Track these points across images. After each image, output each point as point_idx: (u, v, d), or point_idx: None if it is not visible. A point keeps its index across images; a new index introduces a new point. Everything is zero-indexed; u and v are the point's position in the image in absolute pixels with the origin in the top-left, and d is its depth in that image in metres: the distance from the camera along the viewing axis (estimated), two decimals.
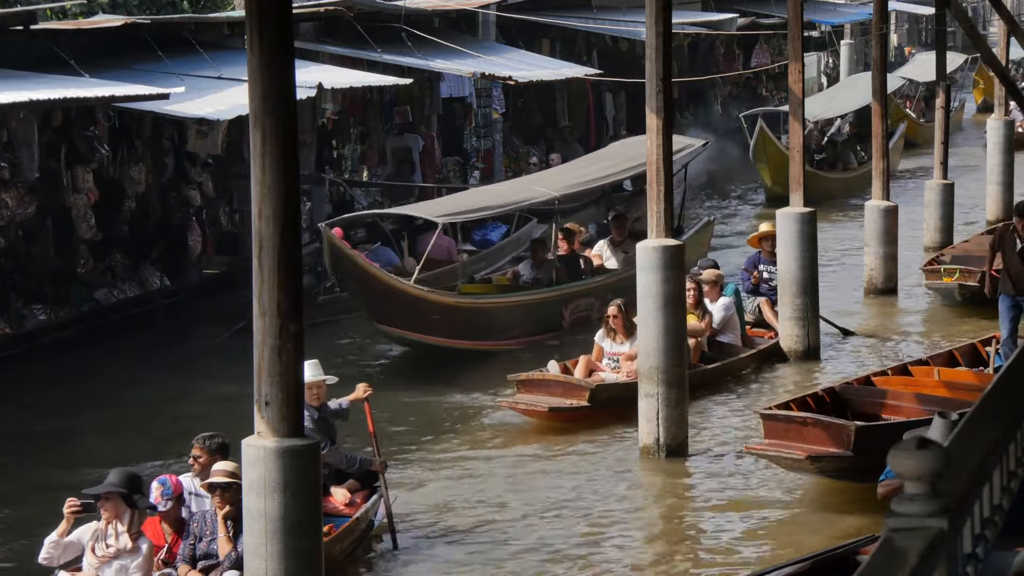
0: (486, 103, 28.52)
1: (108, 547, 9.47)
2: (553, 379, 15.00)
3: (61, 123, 18.61)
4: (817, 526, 12.03)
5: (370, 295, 17.02)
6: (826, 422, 12.29)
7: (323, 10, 23.04)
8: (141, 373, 16.95)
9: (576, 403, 14.65)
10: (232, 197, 21.62)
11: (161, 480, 10.05)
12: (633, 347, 14.82)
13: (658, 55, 13.50)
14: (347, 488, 11.53)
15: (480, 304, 17.85)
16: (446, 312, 17.33)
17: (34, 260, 18.33)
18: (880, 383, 13.84)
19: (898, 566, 3.61)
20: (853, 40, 48.11)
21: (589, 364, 15.31)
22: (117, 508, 9.49)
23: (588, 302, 18.63)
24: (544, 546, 11.67)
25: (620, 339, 15.37)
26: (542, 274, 18.83)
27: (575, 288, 18.68)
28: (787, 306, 17.22)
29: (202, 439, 10.49)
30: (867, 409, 13.21)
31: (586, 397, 14.61)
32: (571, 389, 14.78)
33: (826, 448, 12.05)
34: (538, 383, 14.98)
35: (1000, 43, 26.75)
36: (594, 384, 14.73)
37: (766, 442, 12.46)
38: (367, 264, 17.04)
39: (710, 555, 11.57)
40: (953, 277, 19.49)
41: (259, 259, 8.00)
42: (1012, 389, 5.58)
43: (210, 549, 9.78)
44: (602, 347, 15.53)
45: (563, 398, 14.73)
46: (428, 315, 17.13)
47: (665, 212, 13.61)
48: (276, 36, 7.95)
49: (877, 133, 20.69)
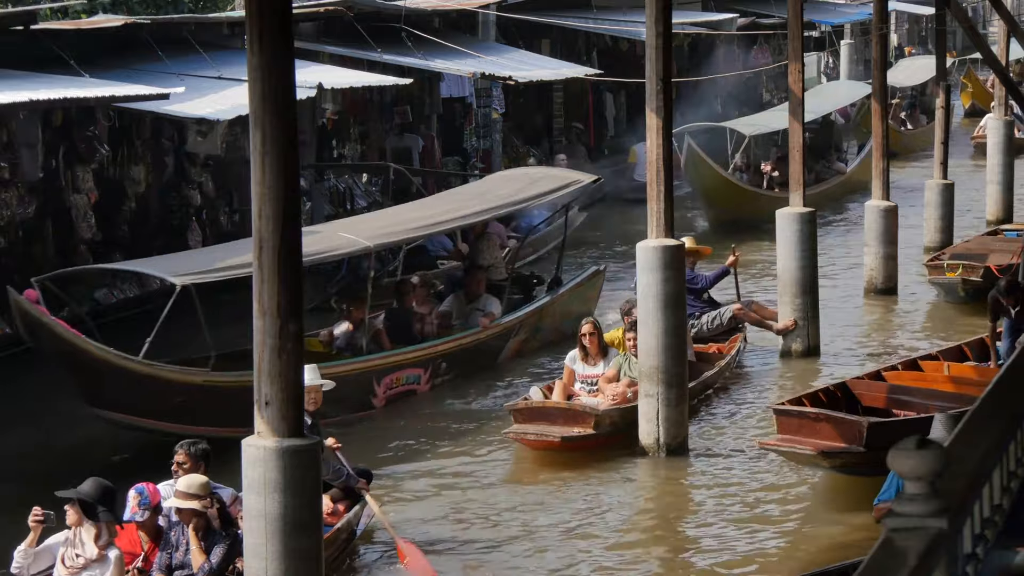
0: (486, 103, 28.54)
1: (77, 557, 9.34)
2: (553, 406, 14.01)
3: (61, 123, 18.61)
4: (819, 525, 12.04)
5: (83, 373, 13.48)
6: (838, 418, 12.41)
7: (323, 10, 23.04)
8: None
9: (583, 431, 13.74)
10: (232, 197, 21.63)
11: (139, 489, 9.83)
12: (609, 368, 14.40)
13: (658, 55, 13.50)
14: (330, 497, 11.25)
15: (239, 381, 12.82)
16: (193, 393, 13.69)
17: (34, 260, 18.33)
18: (890, 377, 13.98)
19: (898, 566, 3.61)
20: (853, 40, 48.12)
21: (565, 389, 14.38)
22: (78, 515, 9.36)
23: (414, 375, 15.79)
24: (544, 548, 11.66)
25: (593, 361, 14.50)
26: (358, 338, 15.48)
27: (393, 358, 15.55)
28: (787, 306, 17.23)
29: (186, 445, 10.20)
30: (877, 403, 13.34)
31: (591, 424, 13.74)
32: (573, 416, 13.83)
33: (839, 443, 12.17)
34: (537, 411, 13.96)
35: (1000, 43, 26.74)
36: (599, 410, 13.82)
37: (779, 437, 12.58)
38: (71, 335, 13.31)
39: (711, 555, 11.56)
40: (956, 272, 19.50)
41: (259, 259, 8.00)
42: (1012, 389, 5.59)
43: (186, 559, 9.61)
44: (574, 370, 14.56)
45: (566, 427, 13.76)
46: (168, 397, 13.58)
47: (665, 212, 13.62)
48: (276, 36, 7.95)
49: (877, 133, 20.70)
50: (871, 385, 13.68)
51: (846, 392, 13.42)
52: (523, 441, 13.77)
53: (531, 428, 13.79)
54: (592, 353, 14.49)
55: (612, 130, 33.03)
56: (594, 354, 14.50)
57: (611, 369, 14.39)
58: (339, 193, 24.08)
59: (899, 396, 13.45)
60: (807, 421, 12.42)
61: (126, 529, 9.82)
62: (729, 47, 38.46)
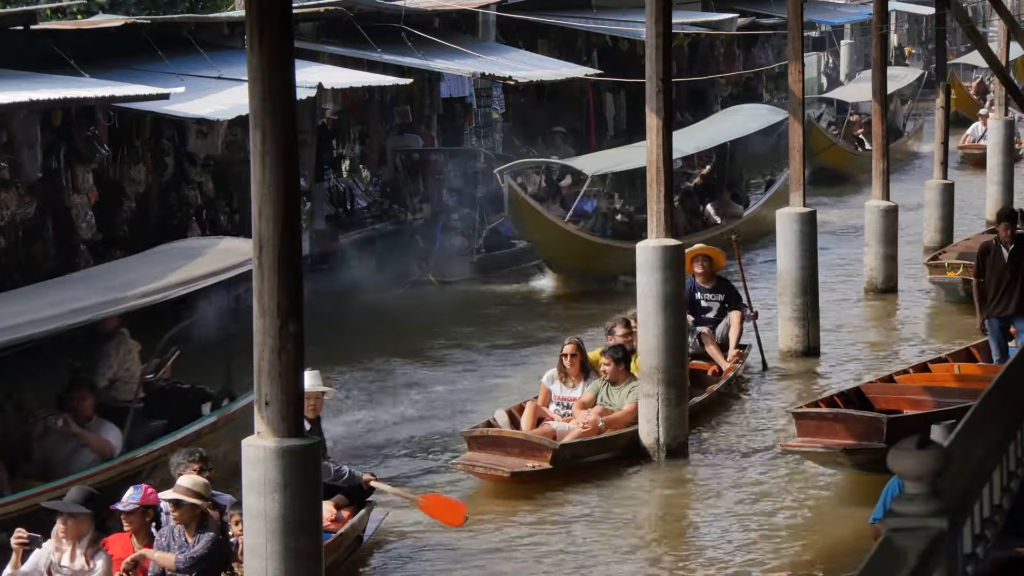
0: (486, 103, 28.54)
1: (63, 568, 9.16)
2: (509, 436, 12.95)
3: (61, 123, 18.60)
4: (820, 525, 12.05)
5: None
6: (857, 416, 12.68)
7: (323, 10, 23.04)
8: None
9: (537, 465, 12.70)
10: (232, 197, 21.63)
11: (137, 487, 9.74)
12: (587, 392, 13.62)
13: (658, 55, 13.51)
14: (334, 503, 11.10)
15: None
16: None
17: (34, 260, 18.32)
18: (902, 380, 14.18)
19: (898, 566, 3.61)
20: (853, 40, 48.14)
21: (537, 411, 13.45)
22: (81, 528, 9.17)
23: None
24: (543, 547, 11.66)
25: (573, 382, 13.68)
26: None
27: None
28: (787, 306, 17.24)
29: (191, 453, 10.01)
30: (891, 405, 13.50)
31: (548, 459, 12.71)
32: (530, 449, 12.81)
33: (860, 441, 12.33)
34: (492, 440, 12.97)
35: (1000, 43, 26.74)
36: (557, 444, 12.80)
37: (800, 439, 12.69)
38: None
39: (711, 555, 11.56)
40: (957, 272, 19.52)
41: (259, 259, 8.00)
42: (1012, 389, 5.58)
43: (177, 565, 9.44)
44: (550, 390, 13.74)
45: (521, 458, 12.74)
46: None
47: (665, 212, 13.62)
48: (276, 36, 7.95)
49: (878, 133, 20.72)
50: (885, 388, 13.89)
51: (860, 396, 13.61)
52: (470, 471, 12.86)
53: (483, 458, 12.82)
54: (572, 374, 13.68)
55: (612, 130, 33.02)
56: (574, 375, 13.68)
57: (588, 394, 13.60)
58: (339, 193, 24.09)
59: (912, 397, 13.67)
60: (826, 422, 12.63)
61: (119, 537, 9.67)
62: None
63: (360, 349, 17.87)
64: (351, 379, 16.43)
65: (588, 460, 13.10)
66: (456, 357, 17.79)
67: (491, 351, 18.08)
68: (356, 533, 11.26)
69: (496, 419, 13.34)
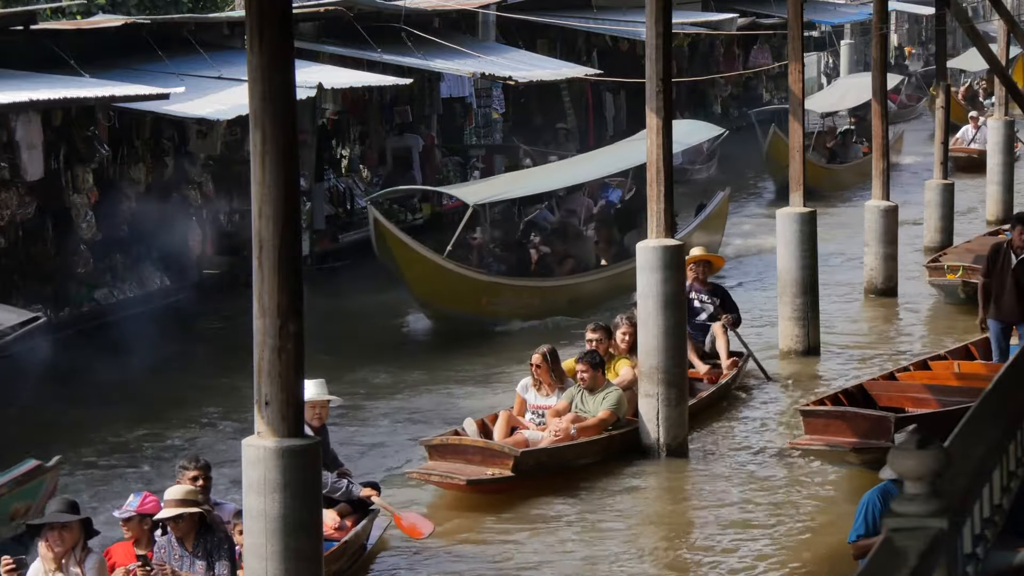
0: (486, 103, 28.54)
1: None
2: (471, 444, 12.59)
3: (61, 123, 18.61)
4: (822, 524, 12.04)
5: None
6: (865, 414, 12.77)
7: (323, 10, 23.05)
8: (140, 373, 16.91)
9: (497, 473, 12.34)
10: (232, 197, 21.63)
11: (137, 494, 9.62)
12: (561, 400, 13.28)
13: (658, 55, 13.51)
14: (337, 512, 11.00)
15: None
16: None
17: (34, 260, 18.32)
18: (903, 378, 14.27)
19: (898, 566, 3.61)
20: (853, 40, 48.14)
21: (510, 420, 13.09)
22: (75, 536, 8.93)
23: None
24: (546, 551, 11.66)
25: (548, 391, 13.35)
26: None
27: None
28: (787, 306, 17.24)
29: (193, 459, 9.86)
30: (894, 403, 13.58)
31: (510, 466, 12.36)
32: (491, 456, 12.47)
33: (867, 439, 12.42)
34: (454, 448, 12.60)
35: (1000, 43, 26.74)
36: (519, 452, 12.43)
37: (808, 437, 12.78)
38: None
39: (711, 555, 11.56)
40: (957, 274, 19.51)
41: (259, 259, 7.99)
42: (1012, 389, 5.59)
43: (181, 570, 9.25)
44: (525, 399, 13.43)
45: (482, 466, 12.41)
46: None
47: (665, 212, 13.62)
48: (276, 36, 7.94)
49: (877, 133, 20.69)
50: (887, 385, 13.97)
51: (863, 393, 13.68)
52: (426, 480, 12.47)
53: (441, 466, 12.45)
54: (545, 382, 13.35)
55: (612, 130, 33.02)
56: (547, 383, 13.34)
57: (562, 401, 13.25)
58: (339, 193, 24.10)
59: (914, 395, 13.74)
60: (833, 420, 12.72)
61: (120, 546, 9.56)
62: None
63: (361, 349, 17.87)
64: (360, 378, 16.45)
65: (568, 465, 12.82)
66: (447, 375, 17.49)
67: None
68: (360, 542, 11.16)
69: (464, 428, 12.97)
